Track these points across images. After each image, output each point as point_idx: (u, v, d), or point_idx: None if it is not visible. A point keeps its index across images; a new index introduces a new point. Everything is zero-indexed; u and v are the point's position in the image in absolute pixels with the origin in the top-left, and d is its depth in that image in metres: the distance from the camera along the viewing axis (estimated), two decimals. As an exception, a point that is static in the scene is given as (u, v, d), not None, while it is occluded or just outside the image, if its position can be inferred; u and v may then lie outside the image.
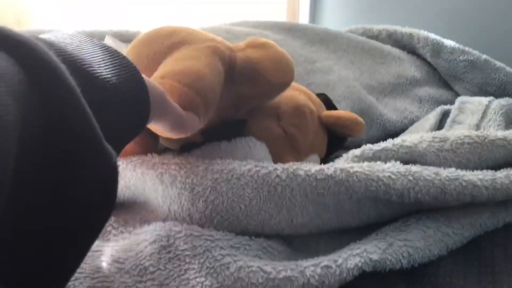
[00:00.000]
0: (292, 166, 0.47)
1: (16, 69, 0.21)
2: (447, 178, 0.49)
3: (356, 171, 0.47)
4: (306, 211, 0.47)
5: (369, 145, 0.54)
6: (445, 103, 0.96)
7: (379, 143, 0.54)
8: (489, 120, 0.78)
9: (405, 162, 0.52)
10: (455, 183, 0.49)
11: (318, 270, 0.42)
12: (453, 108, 0.85)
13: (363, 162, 0.51)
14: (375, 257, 0.44)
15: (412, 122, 0.92)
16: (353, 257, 0.43)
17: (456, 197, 0.49)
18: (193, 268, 0.41)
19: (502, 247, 0.52)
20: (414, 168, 0.49)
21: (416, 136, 0.55)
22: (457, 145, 0.54)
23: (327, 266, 0.42)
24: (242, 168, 0.46)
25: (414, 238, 0.48)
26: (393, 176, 0.48)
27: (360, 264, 0.43)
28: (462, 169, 0.53)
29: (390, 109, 0.93)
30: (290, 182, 0.45)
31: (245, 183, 0.45)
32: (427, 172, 0.49)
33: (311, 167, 0.47)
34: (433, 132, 0.56)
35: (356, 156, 0.53)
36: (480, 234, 0.52)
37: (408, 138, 0.55)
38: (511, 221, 0.54)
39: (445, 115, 0.86)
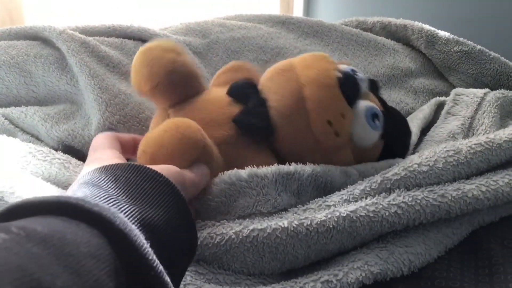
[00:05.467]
0: (292, 223, 0.45)
1: (101, 242, 0.25)
2: (452, 200, 0.49)
3: (360, 216, 0.46)
4: (309, 258, 0.46)
5: (386, 175, 0.51)
6: (440, 95, 0.96)
7: (394, 170, 0.52)
8: (484, 112, 0.78)
9: (421, 185, 0.51)
10: (460, 202, 0.49)
11: (319, 285, 0.41)
12: (448, 100, 0.85)
13: (379, 194, 0.49)
14: (376, 269, 0.44)
15: (407, 113, 0.92)
16: (354, 270, 0.43)
17: (459, 213, 0.50)
18: None
19: (499, 239, 0.53)
20: (420, 194, 0.49)
21: (428, 153, 0.53)
22: (470, 155, 0.53)
23: (327, 281, 0.42)
24: (239, 235, 0.44)
25: (415, 243, 0.48)
26: (399, 211, 0.47)
27: (361, 278, 0.43)
28: (470, 177, 0.53)
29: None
30: (291, 240, 0.44)
31: (246, 249, 0.44)
32: (433, 195, 0.49)
33: (312, 219, 0.45)
34: (444, 145, 0.55)
35: (372, 190, 0.50)
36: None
37: (421, 159, 0.53)
38: (508, 215, 0.55)
39: (440, 106, 0.86)
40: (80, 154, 0.62)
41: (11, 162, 0.53)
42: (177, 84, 0.54)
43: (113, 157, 0.43)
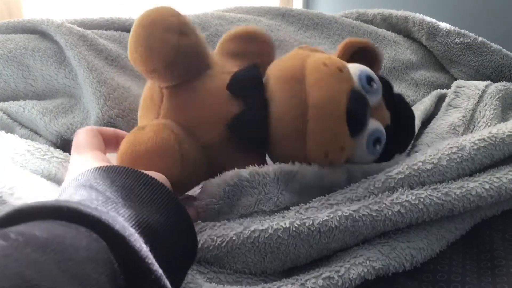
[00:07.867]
0: (293, 223, 0.44)
1: (101, 247, 0.25)
2: (456, 198, 0.48)
3: (362, 215, 0.45)
4: (311, 256, 0.45)
5: (389, 174, 0.50)
6: (441, 87, 0.96)
7: (398, 168, 0.51)
8: (485, 105, 0.78)
9: (425, 183, 0.51)
10: (463, 200, 0.49)
11: (320, 281, 0.41)
12: (449, 92, 0.84)
13: (382, 193, 0.48)
14: (377, 265, 0.43)
15: (408, 106, 0.91)
16: (356, 266, 0.43)
17: (462, 210, 0.49)
18: None
19: (500, 232, 0.53)
20: (423, 193, 0.48)
21: (432, 151, 0.53)
22: (474, 151, 0.53)
23: (329, 277, 0.41)
24: (240, 236, 0.43)
25: (417, 238, 0.47)
26: (402, 210, 0.46)
27: (363, 274, 0.42)
28: (474, 173, 0.53)
29: (386, 94, 0.92)
30: (293, 240, 0.43)
31: (247, 250, 0.43)
32: (437, 194, 0.48)
33: (314, 218, 0.44)
34: (447, 142, 0.54)
35: (376, 188, 0.49)
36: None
37: (425, 156, 0.52)
38: (510, 208, 0.55)
39: (441, 99, 0.86)
40: (79, 148, 0.62)
41: (10, 160, 0.52)
42: (177, 71, 0.50)
43: (98, 161, 0.42)
